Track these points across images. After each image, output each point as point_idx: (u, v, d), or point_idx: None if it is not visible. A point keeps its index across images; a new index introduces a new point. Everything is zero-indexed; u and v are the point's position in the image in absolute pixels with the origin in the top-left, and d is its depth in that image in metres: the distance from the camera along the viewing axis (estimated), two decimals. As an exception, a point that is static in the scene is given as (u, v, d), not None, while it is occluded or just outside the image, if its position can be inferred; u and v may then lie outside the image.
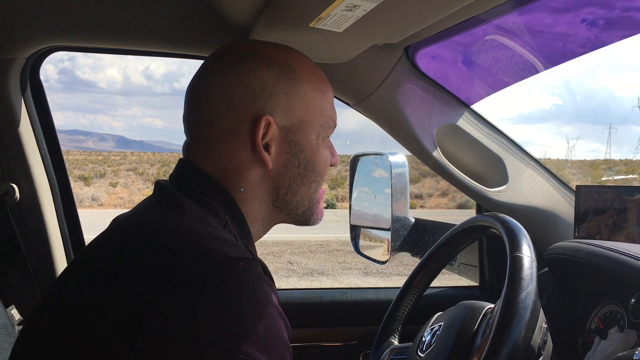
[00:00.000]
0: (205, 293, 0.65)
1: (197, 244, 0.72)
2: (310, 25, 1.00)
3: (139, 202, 0.92)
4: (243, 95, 0.85)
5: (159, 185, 0.88)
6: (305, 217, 0.96)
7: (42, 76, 1.49)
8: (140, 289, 0.67)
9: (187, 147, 0.91)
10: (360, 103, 1.44)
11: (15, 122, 1.37)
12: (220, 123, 0.85)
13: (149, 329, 0.63)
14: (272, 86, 0.86)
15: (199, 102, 0.88)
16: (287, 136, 0.88)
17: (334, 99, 1.44)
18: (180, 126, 1.20)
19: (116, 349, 0.64)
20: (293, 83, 0.88)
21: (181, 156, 0.92)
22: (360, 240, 1.81)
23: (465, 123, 1.48)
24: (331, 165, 0.97)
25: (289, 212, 0.93)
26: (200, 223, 0.78)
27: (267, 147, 0.86)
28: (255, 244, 0.95)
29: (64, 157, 1.59)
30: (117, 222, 0.86)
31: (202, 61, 1.08)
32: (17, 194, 1.42)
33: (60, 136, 1.52)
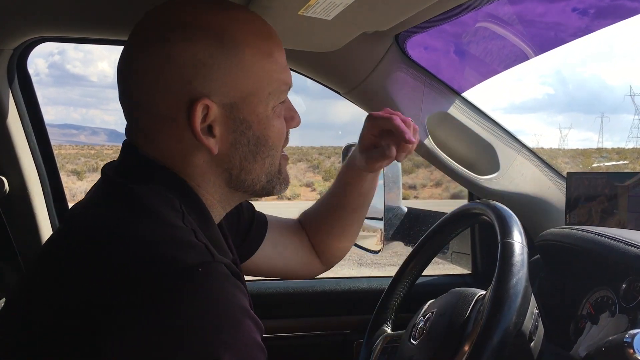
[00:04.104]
0: (165, 308, 0.61)
1: (153, 253, 0.66)
2: (299, 12, 0.99)
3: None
4: (174, 75, 0.75)
5: (106, 175, 0.80)
6: (266, 191, 0.88)
7: (32, 70, 1.48)
8: (94, 305, 0.63)
9: (128, 131, 0.82)
10: (350, 92, 1.43)
11: (2, 114, 1.36)
12: (155, 107, 0.76)
13: (106, 349, 0.60)
14: (206, 60, 0.75)
15: (128, 82, 0.79)
16: (232, 114, 0.78)
17: (328, 87, 1.46)
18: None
19: None
20: (231, 53, 0.76)
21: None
22: (353, 230, 1.80)
23: (456, 111, 1.48)
24: (292, 128, 0.89)
25: (246, 190, 0.86)
26: (155, 223, 0.71)
27: (210, 129, 0.77)
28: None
29: (56, 152, 1.57)
30: (70, 218, 0.82)
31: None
32: (7, 187, 1.41)
33: (51, 130, 1.51)
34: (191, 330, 0.61)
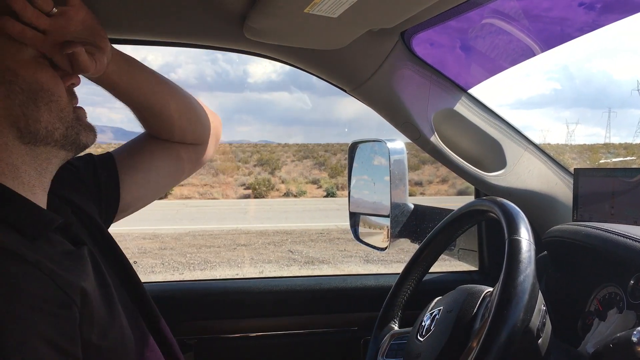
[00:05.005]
0: None
1: None
2: (305, 11, 1.00)
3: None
4: None
5: None
6: (71, 140, 0.87)
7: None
8: None
9: None
10: (357, 89, 1.43)
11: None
12: None
13: None
14: None
15: None
16: None
17: (334, 85, 1.45)
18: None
19: None
20: None
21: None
22: (359, 227, 1.81)
23: (462, 108, 1.47)
24: (73, 85, 0.89)
25: (48, 142, 0.84)
26: None
27: None
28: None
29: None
30: None
31: (197, 50, 1.07)
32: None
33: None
34: None
